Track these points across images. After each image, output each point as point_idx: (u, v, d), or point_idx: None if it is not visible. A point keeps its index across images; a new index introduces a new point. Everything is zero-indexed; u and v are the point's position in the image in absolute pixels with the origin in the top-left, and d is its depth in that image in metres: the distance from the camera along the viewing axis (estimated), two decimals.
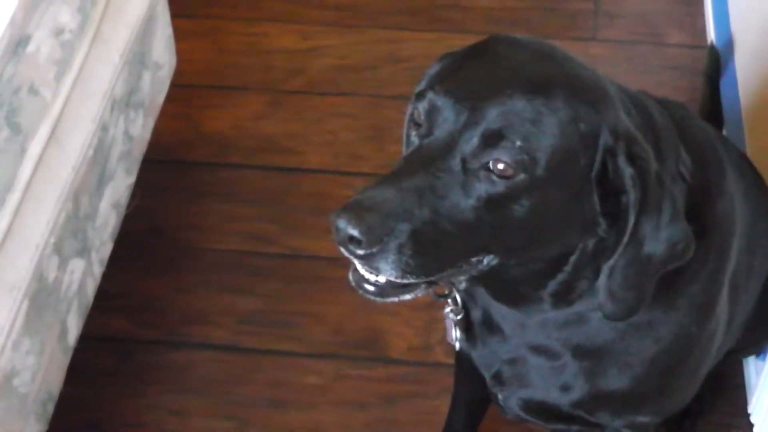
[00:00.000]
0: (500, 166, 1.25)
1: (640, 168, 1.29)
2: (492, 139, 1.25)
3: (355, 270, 1.31)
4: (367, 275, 1.30)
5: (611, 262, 1.32)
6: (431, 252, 1.26)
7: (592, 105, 1.29)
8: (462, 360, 1.78)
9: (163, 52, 2.16)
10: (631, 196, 1.29)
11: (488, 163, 1.26)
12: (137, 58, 2.02)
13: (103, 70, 1.89)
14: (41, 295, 1.70)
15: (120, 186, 2.00)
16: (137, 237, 2.31)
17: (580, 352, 1.49)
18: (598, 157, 1.29)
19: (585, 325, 1.45)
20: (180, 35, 2.36)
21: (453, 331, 1.59)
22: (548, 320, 1.46)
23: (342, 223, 1.23)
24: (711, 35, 2.60)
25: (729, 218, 1.52)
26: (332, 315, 2.24)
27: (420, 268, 1.26)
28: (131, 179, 2.07)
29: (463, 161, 1.26)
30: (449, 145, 1.27)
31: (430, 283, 1.32)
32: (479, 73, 1.30)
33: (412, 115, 1.34)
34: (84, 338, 1.92)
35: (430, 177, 1.26)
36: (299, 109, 2.59)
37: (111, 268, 2.02)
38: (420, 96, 1.30)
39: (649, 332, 1.48)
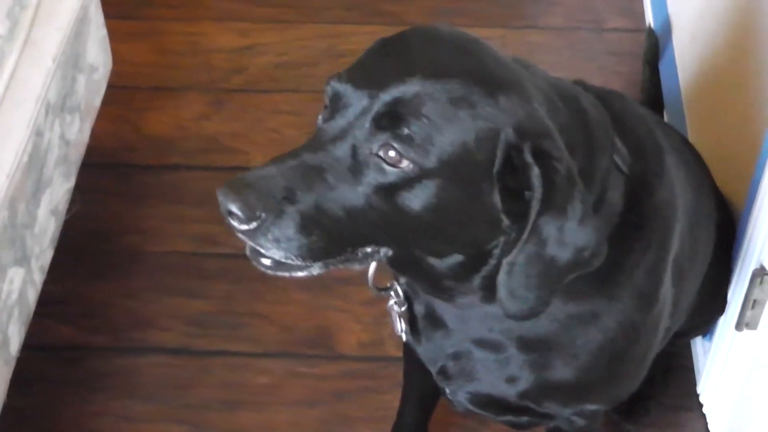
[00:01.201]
0: (391, 153, 1.24)
1: (548, 166, 1.26)
2: (382, 125, 1.25)
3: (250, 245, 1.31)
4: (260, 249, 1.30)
5: (510, 258, 1.29)
6: (314, 235, 1.26)
7: (495, 100, 1.27)
8: (410, 354, 1.77)
9: (97, 54, 2.14)
10: (535, 194, 1.26)
11: (378, 150, 1.25)
12: (71, 62, 2.00)
13: (35, 75, 1.87)
14: None
15: (58, 192, 1.98)
16: (80, 242, 2.28)
17: (523, 343, 1.49)
18: (500, 154, 1.27)
19: None
20: (118, 37, 2.34)
21: (398, 323, 1.58)
22: (488, 313, 1.44)
23: (221, 197, 1.24)
24: (649, 19, 2.61)
25: (669, 205, 1.51)
26: (282, 314, 2.22)
27: (303, 250, 1.26)
28: (70, 184, 2.04)
29: (354, 147, 1.26)
30: (344, 130, 1.26)
31: (326, 264, 1.32)
32: (385, 62, 1.29)
33: None
34: (28, 347, 1.89)
35: (318, 159, 1.26)
36: (241, 108, 2.57)
37: (54, 275, 2.00)
38: (328, 81, 1.30)
39: (593, 323, 1.47)
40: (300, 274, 1.32)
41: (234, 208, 1.23)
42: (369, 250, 1.32)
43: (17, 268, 1.80)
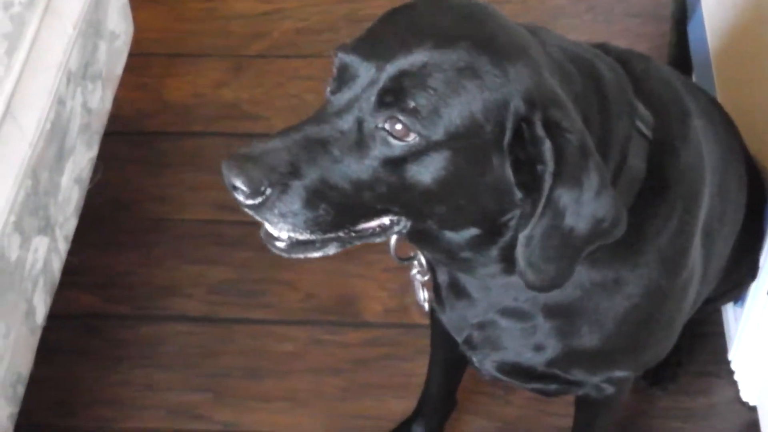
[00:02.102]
0: (397, 126, 1.22)
1: (559, 138, 1.23)
2: (388, 98, 1.22)
3: (263, 227, 1.31)
4: (273, 232, 1.29)
5: (527, 231, 1.27)
6: (321, 208, 1.24)
7: (502, 70, 1.24)
8: (436, 322, 1.76)
9: (118, 21, 2.11)
10: (548, 168, 1.23)
11: (384, 123, 1.23)
12: (92, 29, 1.98)
13: (56, 43, 1.85)
14: (4, 276, 1.66)
15: (81, 160, 1.96)
16: (102, 211, 2.28)
17: (549, 311, 1.47)
18: (509, 126, 1.24)
19: None
20: (137, 4, 2.32)
21: (421, 292, 1.56)
22: (511, 283, 1.42)
23: (225, 171, 1.22)
24: None
25: (695, 169, 1.48)
26: (304, 281, 2.21)
27: (310, 224, 1.24)
28: (93, 153, 2.03)
29: (359, 120, 1.24)
30: (349, 103, 1.24)
31: (342, 242, 1.30)
32: (392, 31, 1.26)
33: None
34: (52, 316, 1.89)
35: (323, 133, 1.24)
36: (261, 74, 2.55)
37: (77, 244, 1.99)
38: (335, 52, 1.28)
39: (618, 290, 1.45)
40: (315, 254, 1.30)
41: (238, 183, 1.21)
42: (387, 222, 1.30)
43: (41, 237, 1.79)
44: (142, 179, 2.37)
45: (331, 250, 1.31)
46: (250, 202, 1.23)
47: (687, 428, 2.02)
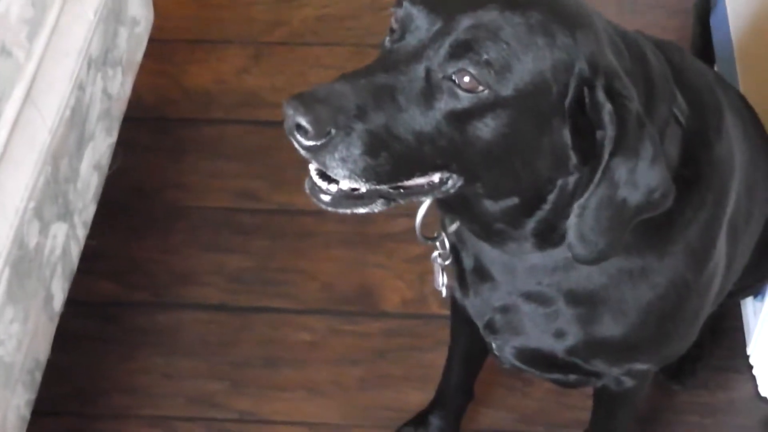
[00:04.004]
0: (466, 78, 1.22)
1: (620, 105, 1.24)
2: (460, 50, 1.22)
3: (310, 178, 1.28)
4: (320, 184, 1.27)
5: (582, 200, 1.27)
6: (382, 156, 1.22)
7: (571, 33, 1.25)
8: (457, 311, 1.76)
9: (139, 7, 2.11)
10: (608, 133, 1.24)
11: (453, 74, 1.22)
12: (113, 15, 1.97)
13: (77, 28, 1.84)
14: (23, 262, 1.66)
15: (101, 146, 1.96)
16: (121, 198, 2.27)
17: (572, 297, 1.46)
18: (573, 88, 1.25)
19: (574, 270, 1.42)
20: None
21: (440, 276, 1.56)
22: (537, 265, 1.43)
23: (291, 110, 1.20)
24: None
25: (727, 162, 1.48)
26: (323, 270, 2.21)
27: (368, 172, 1.22)
28: (112, 139, 2.02)
29: (428, 70, 1.23)
30: (417, 52, 1.23)
31: (388, 200, 1.28)
32: None
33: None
34: (71, 303, 1.89)
35: (390, 80, 1.22)
36: (282, 62, 2.54)
37: (95, 231, 1.98)
38: (398, 2, 1.27)
39: (644, 279, 1.45)
40: (362, 210, 1.28)
41: (304, 122, 1.19)
42: (437, 179, 1.29)
43: (60, 223, 1.79)
44: (162, 166, 2.36)
45: (377, 207, 1.28)
46: (311, 143, 1.20)
47: (706, 423, 2.01)
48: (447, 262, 1.54)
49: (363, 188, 1.26)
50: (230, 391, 2.05)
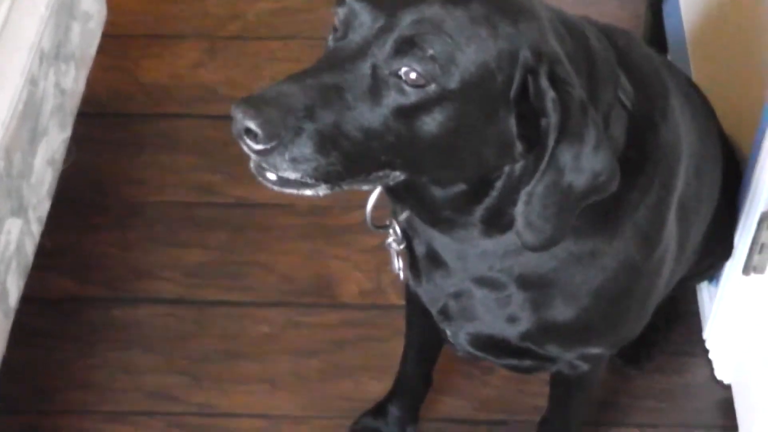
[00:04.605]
0: (412, 75, 1.22)
1: (563, 91, 1.25)
2: (405, 47, 1.22)
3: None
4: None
5: (529, 188, 1.28)
6: (332, 156, 1.22)
7: (513, 22, 1.26)
8: (411, 299, 1.76)
9: (92, 2, 2.10)
10: (552, 120, 1.25)
11: (399, 70, 1.22)
12: (65, 9, 1.96)
13: (28, 23, 1.83)
14: None
15: (54, 141, 1.95)
16: (77, 193, 2.26)
17: (524, 282, 1.47)
18: (518, 76, 1.26)
19: (525, 254, 1.42)
20: None
21: (396, 261, 1.56)
22: (488, 251, 1.43)
23: (239, 114, 1.19)
24: None
25: (674, 145, 1.49)
26: (281, 263, 2.21)
27: (319, 171, 1.22)
28: (66, 134, 2.01)
29: (374, 67, 1.23)
30: (362, 49, 1.23)
31: (332, 185, 1.27)
32: None
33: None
34: (26, 299, 1.87)
35: (337, 78, 1.22)
36: (237, 56, 2.54)
37: (51, 226, 1.97)
38: (340, 1, 1.27)
39: (593, 262, 1.46)
40: (307, 192, 1.27)
41: (253, 126, 1.18)
42: (381, 173, 1.29)
43: (14, 218, 1.78)
44: (118, 161, 2.35)
45: (322, 191, 1.27)
46: (261, 147, 1.20)
47: (663, 407, 2.02)
48: (401, 247, 1.54)
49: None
50: (189, 385, 2.05)
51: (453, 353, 1.72)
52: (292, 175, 1.23)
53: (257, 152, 1.21)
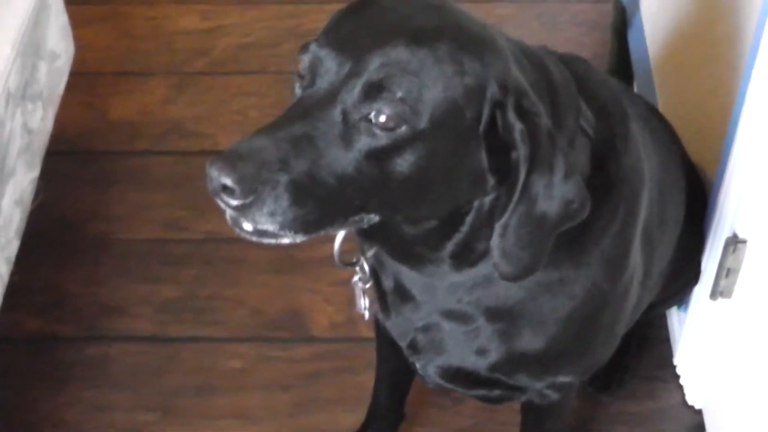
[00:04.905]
0: (382, 118, 1.22)
1: (531, 123, 1.26)
2: (373, 91, 1.22)
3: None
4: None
5: (503, 220, 1.29)
6: (309, 205, 1.22)
7: (479, 57, 1.26)
8: (381, 333, 1.76)
9: (59, 41, 2.10)
10: (521, 152, 1.26)
11: (369, 114, 1.23)
12: (31, 49, 1.97)
13: None
14: None
15: (22, 181, 1.95)
16: (47, 231, 2.26)
17: (492, 314, 1.47)
18: (486, 111, 1.26)
19: (493, 286, 1.43)
20: (79, 22, 2.31)
21: (362, 299, 1.56)
22: (456, 283, 1.44)
23: (215, 172, 1.19)
24: None
25: (637, 171, 1.50)
26: (251, 297, 2.21)
27: (297, 222, 1.23)
28: (34, 173, 2.01)
29: (344, 113, 1.23)
30: (330, 96, 1.23)
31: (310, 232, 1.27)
32: (363, 24, 1.27)
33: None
34: None
35: (308, 127, 1.22)
36: (205, 91, 2.55)
37: (20, 266, 1.97)
38: (304, 48, 1.27)
39: (561, 290, 1.46)
40: (285, 240, 1.26)
41: (230, 182, 1.18)
42: (357, 218, 1.29)
43: None
44: (88, 198, 2.35)
45: (299, 238, 1.26)
46: (238, 202, 1.20)
47: None
48: (368, 286, 1.54)
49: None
50: (161, 421, 2.04)
51: (425, 386, 1.72)
52: (270, 227, 1.23)
53: (235, 208, 1.21)
